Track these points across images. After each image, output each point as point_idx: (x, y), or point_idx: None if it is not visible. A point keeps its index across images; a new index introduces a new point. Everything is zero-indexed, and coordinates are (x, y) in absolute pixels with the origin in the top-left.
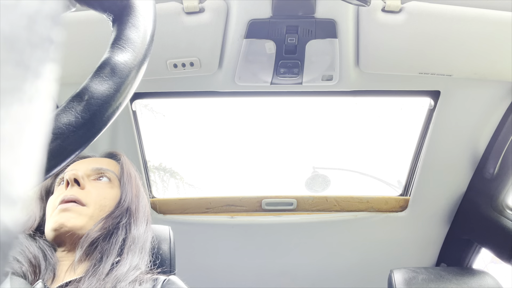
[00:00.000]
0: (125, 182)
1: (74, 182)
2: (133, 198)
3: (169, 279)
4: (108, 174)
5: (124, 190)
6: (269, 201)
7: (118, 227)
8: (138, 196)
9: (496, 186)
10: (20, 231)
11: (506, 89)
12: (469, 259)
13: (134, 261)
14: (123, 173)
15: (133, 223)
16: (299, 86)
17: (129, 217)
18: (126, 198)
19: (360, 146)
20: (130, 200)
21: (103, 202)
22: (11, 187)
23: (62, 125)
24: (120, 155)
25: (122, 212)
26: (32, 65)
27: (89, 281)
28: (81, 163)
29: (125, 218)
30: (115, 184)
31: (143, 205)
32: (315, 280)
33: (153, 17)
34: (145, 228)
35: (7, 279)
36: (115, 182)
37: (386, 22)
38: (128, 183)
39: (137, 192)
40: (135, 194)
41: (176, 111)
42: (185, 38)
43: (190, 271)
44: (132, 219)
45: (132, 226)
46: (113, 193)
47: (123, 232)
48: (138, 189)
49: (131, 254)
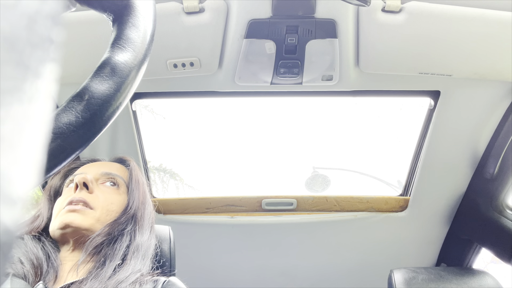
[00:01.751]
0: (133, 189)
1: (83, 186)
2: (140, 205)
3: (169, 280)
4: (117, 180)
5: (132, 197)
6: (269, 201)
7: (123, 234)
8: (145, 203)
9: (496, 186)
10: (20, 231)
11: (506, 89)
12: (469, 259)
13: (137, 267)
14: (131, 180)
15: (138, 230)
16: (299, 86)
17: (134, 224)
18: (133, 205)
19: (360, 146)
20: (137, 207)
21: (110, 207)
22: (11, 187)
23: (63, 125)
24: (130, 160)
25: (128, 218)
26: (32, 65)
27: (91, 283)
28: (91, 166)
29: (130, 225)
30: (122, 190)
31: (148, 213)
32: (315, 280)
33: (153, 17)
34: (149, 236)
35: (7, 280)
36: (123, 188)
37: (386, 22)
38: (136, 190)
39: (144, 199)
40: (142, 201)
41: (176, 112)
42: (185, 38)
43: (190, 271)
44: (137, 226)
45: (136, 233)
46: (121, 199)
47: (127, 239)
48: (145, 196)
49: (134, 260)
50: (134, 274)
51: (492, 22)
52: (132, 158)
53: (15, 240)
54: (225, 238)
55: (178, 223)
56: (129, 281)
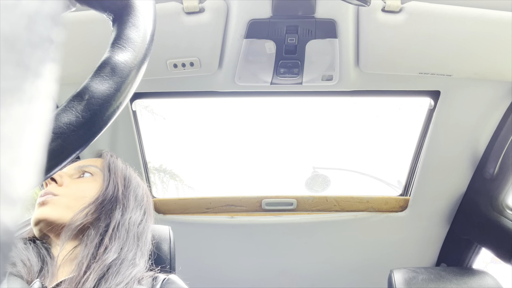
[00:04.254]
0: (109, 172)
1: (51, 180)
2: (119, 186)
3: (168, 278)
4: (90, 169)
5: (107, 179)
6: (269, 201)
7: (101, 214)
8: (125, 184)
9: (496, 186)
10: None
11: (506, 89)
12: (469, 259)
13: (129, 253)
14: (105, 164)
15: (122, 209)
16: (299, 86)
17: (116, 203)
18: (110, 185)
19: (360, 146)
20: (115, 188)
21: (81, 194)
22: (11, 187)
23: (63, 125)
24: (105, 151)
25: (107, 198)
26: (32, 65)
27: (85, 278)
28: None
29: (110, 204)
30: (98, 177)
31: (134, 193)
32: (315, 280)
33: (153, 17)
34: (142, 217)
35: (5, 279)
36: (99, 175)
37: (386, 22)
38: (113, 172)
39: (124, 180)
40: (121, 182)
41: (176, 112)
42: (185, 38)
43: (190, 271)
44: (119, 205)
45: (121, 212)
46: (95, 185)
47: (107, 218)
48: (125, 177)
49: (118, 239)
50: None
51: (492, 22)
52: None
53: (15, 240)
54: (225, 238)
55: (178, 223)
56: (127, 276)
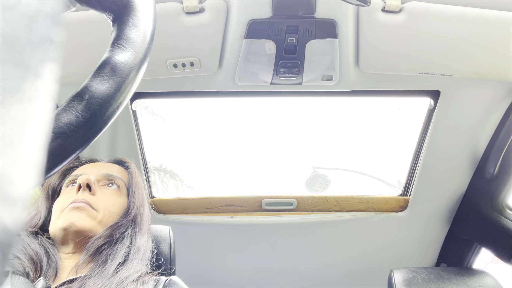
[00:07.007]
0: (133, 192)
1: (86, 187)
2: (139, 208)
3: (170, 279)
4: (118, 182)
5: (132, 200)
6: (269, 201)
7: (124, 236)
8: (143, 206)
9: (496, 186)
10: (20, 231)
11: (506, 89)
12: (469, 259)
13: (137, 267)
14: (132, 182)
15: (137, 232)
16: (299, 86)
17: (134, 226)
18: (134, 208)
19: (360, 146)
20: (137, 210)
21: (112, 209)
22: (11, 187)
23: (63, 125)
24: (129, 162)
25: (129, 221)
26: (32, 65)
27: (94, 279)
28: (91, 167)
29: (130, 227)
30: (123, 192)
31: (146, 215)
32: (315, 280)
33: (153, 17)
34: (147, 238)
35: (7, 278)
36: (123, 190)
37: (386, 22)
38: (136, 193)
39: (143, 202)
40: (141, 204)
41: (176, 112)
42: (185, 38)
43: (190, 271)
44: (137, 228)
45: (137, 235)
46: (121, 201)
47: (128, 241)
48: (143, 199)
49: (135, 261)
50: (135, 273)
51: (492, 22)
52: (131, 159)
53: (15, 240)
54: (225, 238)
55: (178, 223)
56: (131, 279)
